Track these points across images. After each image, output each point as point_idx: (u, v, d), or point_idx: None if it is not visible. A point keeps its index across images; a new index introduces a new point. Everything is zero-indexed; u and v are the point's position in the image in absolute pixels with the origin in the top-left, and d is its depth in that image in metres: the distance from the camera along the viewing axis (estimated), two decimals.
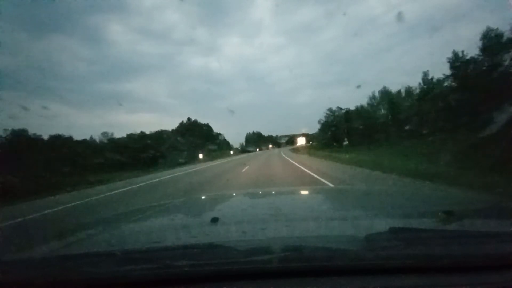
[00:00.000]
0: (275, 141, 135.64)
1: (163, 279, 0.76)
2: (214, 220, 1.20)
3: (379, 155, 15.72)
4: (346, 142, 37.49)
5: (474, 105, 14.79)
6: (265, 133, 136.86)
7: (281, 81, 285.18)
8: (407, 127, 24.46)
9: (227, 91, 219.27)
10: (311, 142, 75.25)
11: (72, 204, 8.51)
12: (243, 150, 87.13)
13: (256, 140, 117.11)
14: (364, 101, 39.21)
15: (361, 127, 33.57)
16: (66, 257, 0.94)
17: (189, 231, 1.23)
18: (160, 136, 47.14)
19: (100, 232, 1.38)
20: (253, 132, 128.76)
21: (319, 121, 47.96)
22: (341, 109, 43.54)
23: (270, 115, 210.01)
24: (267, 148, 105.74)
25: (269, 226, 1.16)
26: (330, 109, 45.14)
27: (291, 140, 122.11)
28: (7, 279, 0.79)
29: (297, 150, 48.65)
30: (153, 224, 1.49)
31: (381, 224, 1.12)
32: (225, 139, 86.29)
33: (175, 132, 57.82)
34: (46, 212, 7.51)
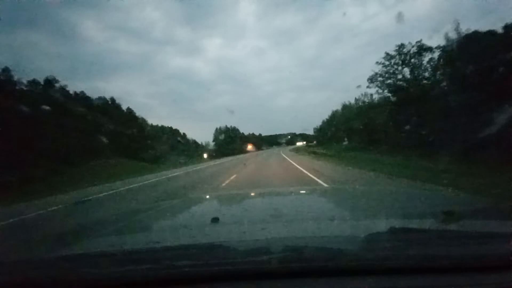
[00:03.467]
0: (260, 140, 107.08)
1: (163, 279, 0.76)
2: (214, 220, 1.20)
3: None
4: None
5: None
6: (247, 132, 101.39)
7: (266, 83, 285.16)
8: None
9: (210, 93, 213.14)
10: (305, 142, 73.34)
11: None
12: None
13: (231, 140, 77.39)
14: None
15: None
16: (66, 257, 0.94)
17: (189, 231, 1.23)
18: None
19: (100, 232, 1.38)
20: (227, 128, 79.47)
21: (371, 79, 23.62)
22: (422, 48, 19.90)
23: (255, 117, 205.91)
24: (246, 151, 72.10)
25: (269, 227, 1.16)
26: (400, 47, 20.93)
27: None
28: (7, 279, 0.79)
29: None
30: (153, 224, 1.49)
31: (381, 224, 1.12)
32: (186, 139, 55.02)
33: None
34: None
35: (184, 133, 56.69)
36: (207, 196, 3.44)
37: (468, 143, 11.03)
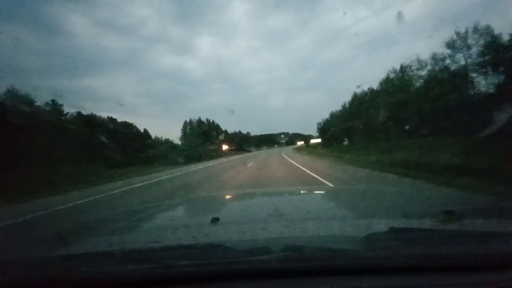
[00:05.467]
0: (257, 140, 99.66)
1: (163, 279, 0.76)
2: (214, 220, 1.20)
3: None
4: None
5: None
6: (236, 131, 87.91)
7: (259, 83, 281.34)
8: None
9: (202, 92, 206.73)
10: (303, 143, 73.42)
11: None
12: None
13: (204, 137, 51.16)
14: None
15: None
16: (66, 257, 0.94)
17: (189, 231, 1.23)
18: None
19: (100, 232, 1.38)
20: (201, 121, 57.24)
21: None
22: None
23: (248, 116, 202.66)
24: (223, 154, 47.92)
25: (269, 226, 1.16)
26: None
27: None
28: (7, 279, 0.79)
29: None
30: (153, 224, 1.49)
31: (381, 224, 1.12)
32: (149, 137, 33.98)
33: None
34: None
35: (145, 129, 36.92)
36: (207, 196, 3.44)
37: None
